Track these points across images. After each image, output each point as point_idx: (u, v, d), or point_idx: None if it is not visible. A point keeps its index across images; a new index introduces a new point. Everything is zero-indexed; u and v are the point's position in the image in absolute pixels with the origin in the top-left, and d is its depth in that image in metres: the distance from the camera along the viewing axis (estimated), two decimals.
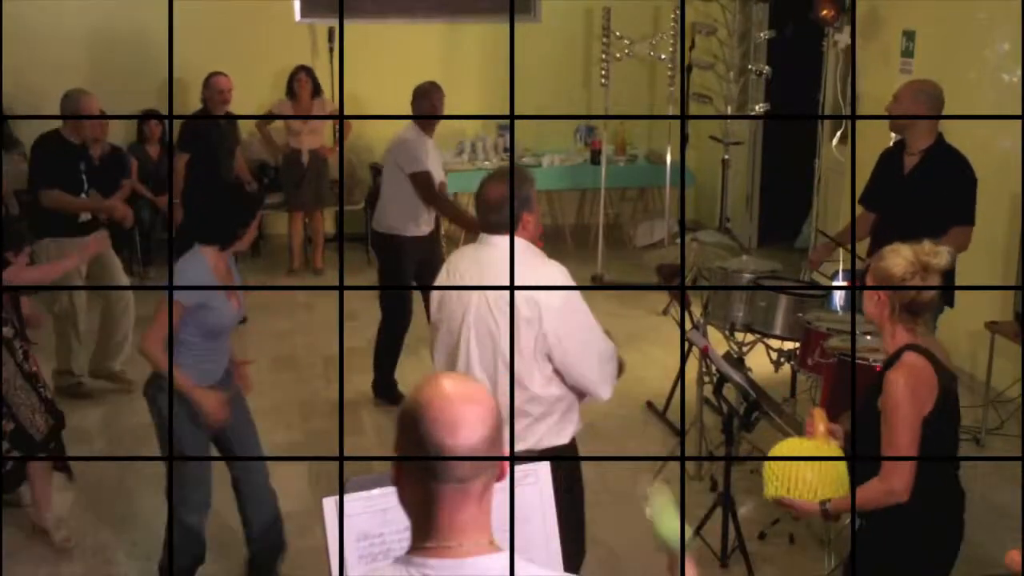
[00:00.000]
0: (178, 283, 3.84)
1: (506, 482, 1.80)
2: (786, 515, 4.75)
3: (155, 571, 4.34)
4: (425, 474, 1.72)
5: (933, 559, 3.21)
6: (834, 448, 3.25)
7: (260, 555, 4.32)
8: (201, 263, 3.89)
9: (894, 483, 3.02)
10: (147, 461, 4.96)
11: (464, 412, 1.72)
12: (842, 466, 3.24)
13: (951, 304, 5.05)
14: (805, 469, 3.23)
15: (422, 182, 5.89)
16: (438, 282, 3.55)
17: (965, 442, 5.66)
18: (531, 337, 3.28)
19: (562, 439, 3.46)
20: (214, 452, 4.23)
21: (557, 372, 3.39)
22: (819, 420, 3.33)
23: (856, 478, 3.13)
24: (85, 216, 6.23)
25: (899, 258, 3.07)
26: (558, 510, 3.02)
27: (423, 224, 6.05)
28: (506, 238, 3.30)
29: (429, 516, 1.74)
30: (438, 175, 6.06)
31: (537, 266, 3.37)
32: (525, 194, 3.40)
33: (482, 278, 3.36)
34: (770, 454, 3.34)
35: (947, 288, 4.13)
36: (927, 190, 4.84)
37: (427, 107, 5.98)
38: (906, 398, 3.01)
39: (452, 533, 1.73)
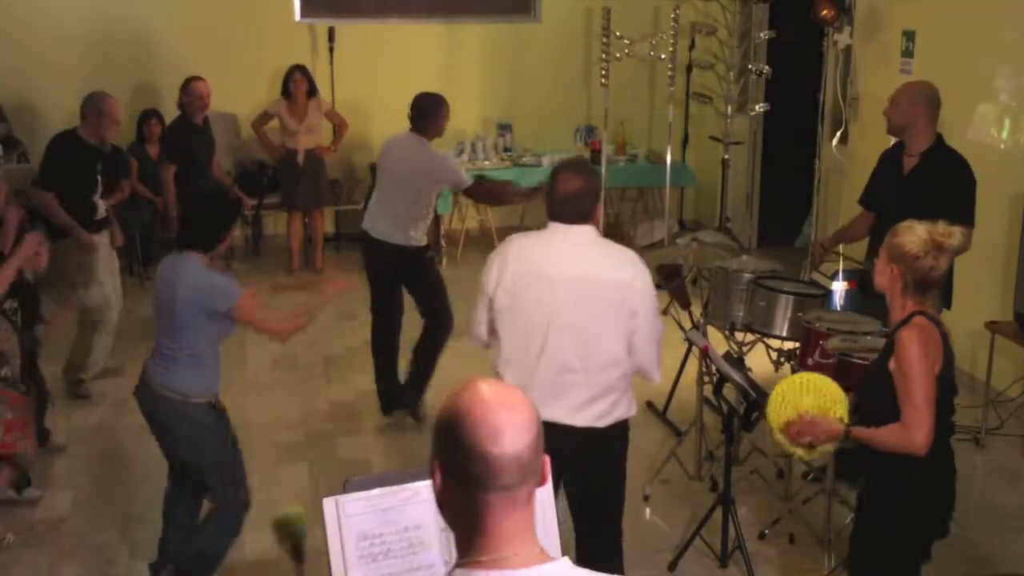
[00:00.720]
0: (210, 295, 3.89)
1: None
2: (786, 515, 4.76)
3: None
4: (471, 484, 1.67)
5: (925, 520, 3.30)
6: (831, 381, 3.40)
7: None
8: (211, 271, 3.96)
9: (916, 436, 3.10)
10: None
11: (507, 418, 1.67)
12: (843, 395, 3.36)
13: (948, 305, 5.05)
14: (808, 396, 3.35)
15: (478, 190, 5.87)
16: (492, 268, 3.63)
17: (965, 442, 5.67)
18: (624, 316, 3.50)
19: (633, 410, 3.70)
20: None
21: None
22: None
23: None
24: (101, 213, 6.28)
25: (914, 235, 3.18)
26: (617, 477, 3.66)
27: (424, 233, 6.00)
28: (573, 227, 3.53)
29: (477, 527, 1.69)
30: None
31: (619, 249, 3.61)
32: (598, 187, 3.65)
33: (569, 261, 3.50)
34: (772, 394, 3.45)
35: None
36: (927, 191, 4.84)
37: (444, 124, 5.78)
38: (918, 352, 3.11)
39: (502, 543, 1.69)
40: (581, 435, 3.52)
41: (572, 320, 3.50)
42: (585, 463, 3.57)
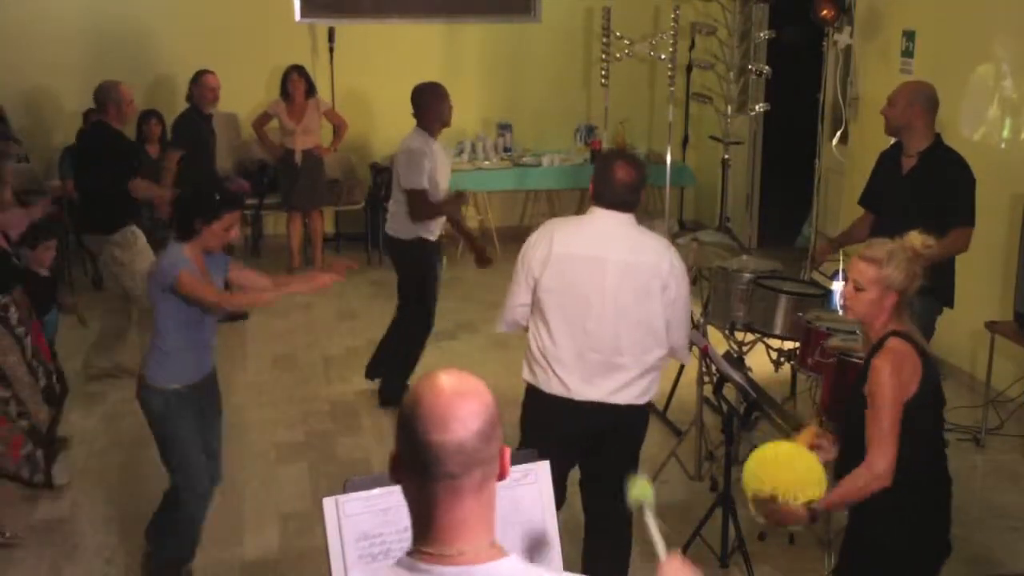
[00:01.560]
0: (160, 270, 3.96)
1: (508, 482, 1.79)
2: None
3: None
4: (417, 471, 1.70)
5: (919, 547, 3.22)
6: (811, 455, 3.28)
7: (163, 558, 4.34)
8: (179, 251, 3.97)
9: (876, 465, 3.05)
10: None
11: (455, 406, 1.69)
12: (819, 467, 3.26)
13: (950, 304, 5.05)
14: (783, 471, 3.26)
15: (415, 199, 5.78)
16: (536, 250, 3.70)
17: (965, 442, 5.67)
18: (665, 300, 3.65)
19: (657, 386, 3.85)
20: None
21: None
22: (807, 436, 3.36)
23: (845, 473, 3.16)
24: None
25: (898, 259, 3.12)
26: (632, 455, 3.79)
27: (436, 228, 6.02)
28: (619, 214, 3.67)
29: (425, 515, 1.72)
30: (445, 179, 5.97)
31: (656, 237, 3.76)
32: (647, 180, 3.81)
33: (617, 246, 3.63)
34: (748, 459, 3.35)
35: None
36: (926, 191, 4.83)
37: (446, 111, 5.86)
38: (888, 381, 3.06)
39: (450, 536, 1.70)
40: (622, 412, 3.69)
41: (621, 302, 3.62)
42: (620, 439, 3.77)
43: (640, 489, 2.51)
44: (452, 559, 1.70)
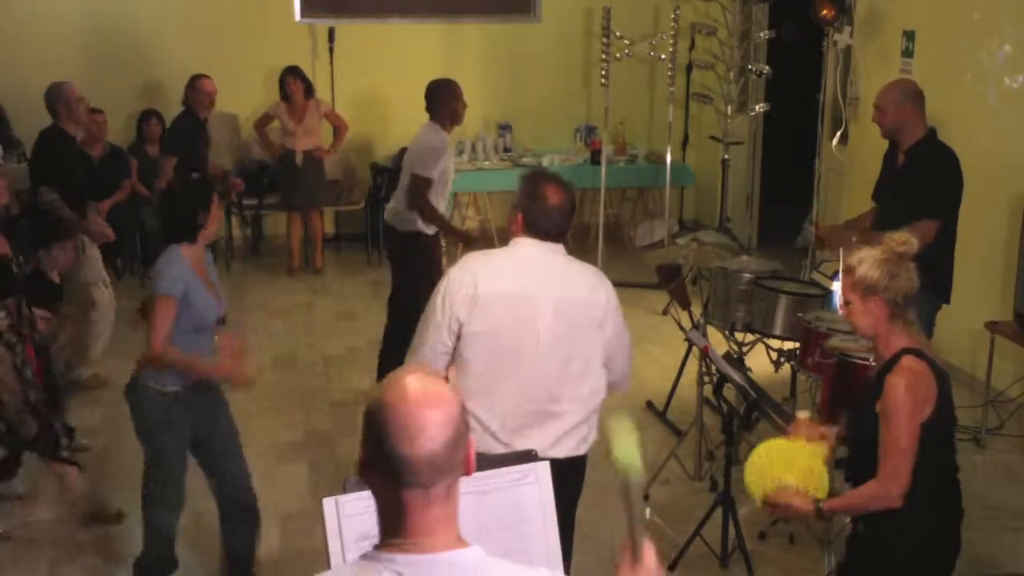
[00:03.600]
0: (164, 278, 3.86)
1: (502, 483, 1.80)
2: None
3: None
4: (389, 478, 1.73)
5: (927, 567, 3.19)
6: (815, 450, 3.27)
7: (236, 559, 4.32)
8: (179, 257, 3.91)
9: (891, 488, 3.01)
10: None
11: (425, 418, 1.71)
12: (821, 466, 3.26)
13: (947, 300, 5.06)
14: (784, 471, 3.25)
15: (418, 185, 5.79)
16: (460, 289, 3.31)
17: (965, 442, 5.67)
18: (603, 336, 3.36)
19: (595, 434, 3.47)
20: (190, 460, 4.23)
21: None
22: (801, 427, 3.35)
23: (852, 482, 3.15)
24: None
25: (871, 261, 3.05)
26: (567, 513, 3.22)
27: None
28: (546, 243, 3.35)
29: (395, 518, 1.76)
30: (450, 176, 6.02)
31: (586, 266, 3.45)
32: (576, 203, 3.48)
33: (549, 282, 3.32)
34: (749, 458, 3.35)
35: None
36: (912, 184, 4.93)
37: (460, 108, 5.92)
38: (907, 403, 2.98)
39: (418, 533, 1.75)
40: (560, 468, 2.90)
41: (557, 345, 3.30)
42: (559, 494, 2.82)
43: (625, 453, 1.86)
44: (416, 547, 1.74)
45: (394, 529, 1.76)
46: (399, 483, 1.72)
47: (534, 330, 3.29)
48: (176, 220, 3.97)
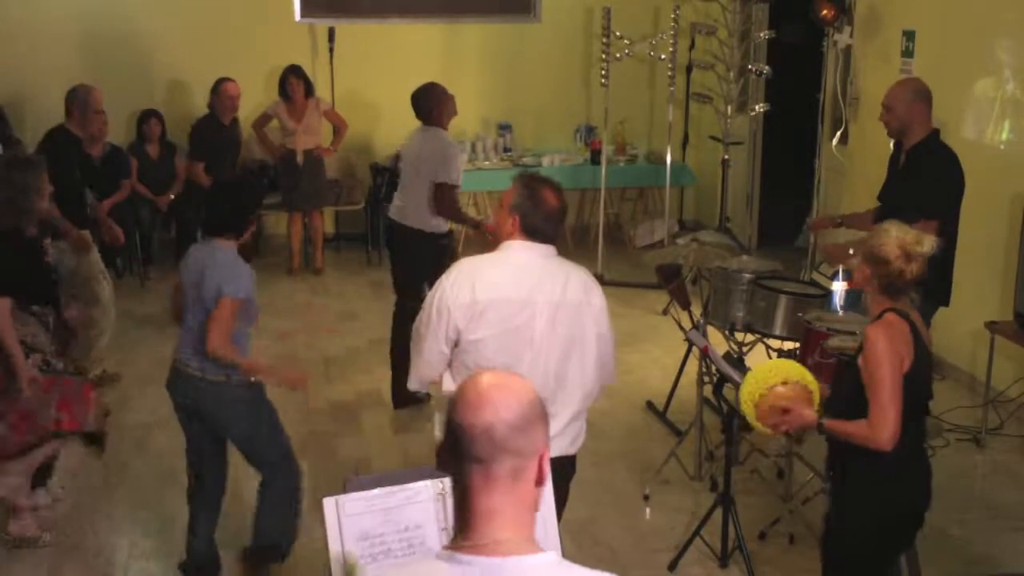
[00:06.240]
0: (233, 280, 3.93)
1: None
2: (786, 515, 4.76)
3: (174, 570, 4.39)
4: (452, 454, 1.76)
5: (893, 515, 3.32)
6: (805, 371, 3.50)
7: (259, 553, 4.31)
8: (236, 255, 4.01)
9: (880, 433, 3.15)
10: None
11: (490, 394, 1.75)
12: (813, 380, 3.45)
13: (946, 302, 5.06)
14: (775, 379, 3.45)
15: (446, 193, 5.85)
16: (457, 296, 3.33)
17: (965, 442, 5.67)
18: (595, 338, 3.42)
19: (585, 431, 3.56)
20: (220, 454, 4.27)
21: None
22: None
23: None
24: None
25: (886, 239, 3.23)
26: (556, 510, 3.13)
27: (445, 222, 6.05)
28: (539, 246, 3.37)
29: (461, 503, 1.77)
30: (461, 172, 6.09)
31: (577, 268, 3.49)
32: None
33: (544, 286, 3.35)
34: (745, 378, 3.51)
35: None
36: (912, 183, 4.93)
37: (452, 104, 6.03)
38: (886, 350, 3.14)
39: (482, 523, 1.73)
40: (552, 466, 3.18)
41: (552, 347, 3.35)
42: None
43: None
44: (487, 548, 1.72)
45: (462, 520, 1.76)
46: (460, 457, 1.74)
47: (531, 333, 3.34)
48: (228, 213, 4.05)
